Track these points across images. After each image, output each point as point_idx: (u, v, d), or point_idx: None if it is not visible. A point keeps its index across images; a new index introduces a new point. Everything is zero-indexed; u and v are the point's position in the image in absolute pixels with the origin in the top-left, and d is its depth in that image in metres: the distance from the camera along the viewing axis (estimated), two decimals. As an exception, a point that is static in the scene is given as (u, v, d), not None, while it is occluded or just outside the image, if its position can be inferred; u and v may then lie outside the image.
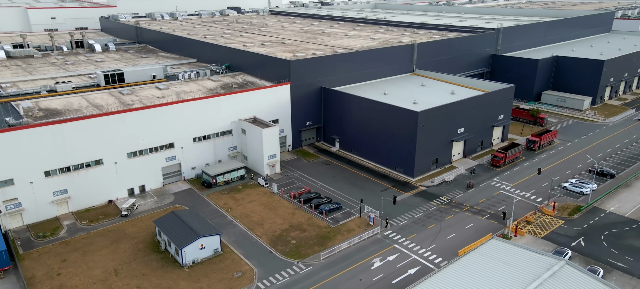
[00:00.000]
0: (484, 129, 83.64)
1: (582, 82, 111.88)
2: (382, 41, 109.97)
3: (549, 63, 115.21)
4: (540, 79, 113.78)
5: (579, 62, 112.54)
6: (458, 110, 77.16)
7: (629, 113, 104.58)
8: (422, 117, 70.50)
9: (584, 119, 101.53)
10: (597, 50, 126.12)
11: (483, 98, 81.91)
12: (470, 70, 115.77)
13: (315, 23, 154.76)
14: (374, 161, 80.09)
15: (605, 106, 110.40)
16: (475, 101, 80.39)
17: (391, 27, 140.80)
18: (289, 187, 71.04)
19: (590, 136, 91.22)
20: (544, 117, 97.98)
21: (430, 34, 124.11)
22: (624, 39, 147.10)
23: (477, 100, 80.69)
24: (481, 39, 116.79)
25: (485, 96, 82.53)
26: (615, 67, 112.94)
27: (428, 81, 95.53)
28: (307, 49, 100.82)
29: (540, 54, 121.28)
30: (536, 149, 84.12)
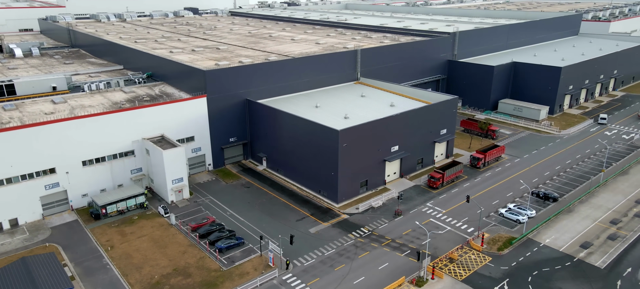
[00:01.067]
0: (425, 145, 75.89)
1: (541, 90, 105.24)
2: (326, 46, 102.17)
3: (507, 69, 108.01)
4: (498, 87, 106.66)
5: (536, 68, 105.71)
6: (392, 125, 69.29)
7: (587, 123, 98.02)
8: (345, 136, 62.36)
9: (539, 130, 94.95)
10: (559, 55, 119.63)
11: (422, 111, 74.25)
12: (425, 77, 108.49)
13: (268, 25, 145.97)
14: (299, 183, 71.87)
15: (564, 116, 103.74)
16: (413, 115, 72.65)
17: (347, 31, 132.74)
18: (192, 218, 62.23)
19: (542, 150, 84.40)
20: (496, 129, 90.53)
21: (384, 37, 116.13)
22: (591, 43, 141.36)
23: (415, 114, 72.93)
24: (436, 43, 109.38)
25: (425, 109, 74.88)
26: (574, 74, 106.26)
27: (370, 90, 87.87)
28: (240, 55, 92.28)
29: (500, 59, 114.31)
30: (480, 167, 76.73)
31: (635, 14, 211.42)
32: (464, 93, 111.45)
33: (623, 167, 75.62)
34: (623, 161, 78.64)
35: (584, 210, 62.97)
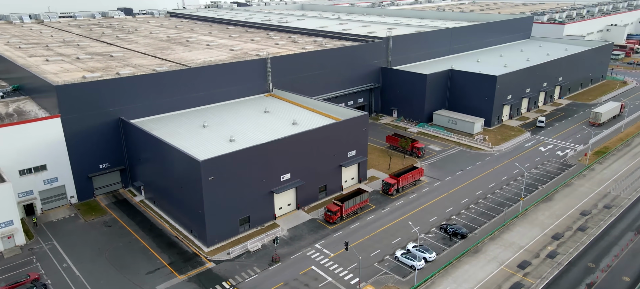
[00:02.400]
0: (329, 171, 65.67)
1: (478, 101, 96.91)
2: (240, 53, 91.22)
3: (443, 78, 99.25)
4: (433, 97, 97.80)
5: (472, 77, 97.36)
6: (282, 149, 58.86)
7: (524, 137, 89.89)
8: (211, 167, 51.52)
9: (471, 146, 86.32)
10: (504, 61, 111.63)
11: (324, 131, 63.73)
12: (355, 86, 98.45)
13: (196, 28, 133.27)
14: (173, 219, 60.79)
15: (502, 128, 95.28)
16: (312, 136, 62.13)
17: (281, 35, 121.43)
18: (12, 275, 49.84)
19: (467, 171, 75.47)
20: (421, 146, 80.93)
21: (313, 42, 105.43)
22: (540, 47, 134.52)
23: (314, 134, 62.42)
24: (367, 49, 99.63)
25: (328, 129, 64.34)
26: (513, 82, 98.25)
27: (279, 105, 77.30)
28: (131, 64, 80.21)
29: (439, 66, 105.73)
30: (393, 194, 67.14)
31: (592, 16, 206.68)
32: (398, 103, 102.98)
33: (548, 192, 67.12)
34: (549, 184, 69.99)
35: (493, 250, 54.06)
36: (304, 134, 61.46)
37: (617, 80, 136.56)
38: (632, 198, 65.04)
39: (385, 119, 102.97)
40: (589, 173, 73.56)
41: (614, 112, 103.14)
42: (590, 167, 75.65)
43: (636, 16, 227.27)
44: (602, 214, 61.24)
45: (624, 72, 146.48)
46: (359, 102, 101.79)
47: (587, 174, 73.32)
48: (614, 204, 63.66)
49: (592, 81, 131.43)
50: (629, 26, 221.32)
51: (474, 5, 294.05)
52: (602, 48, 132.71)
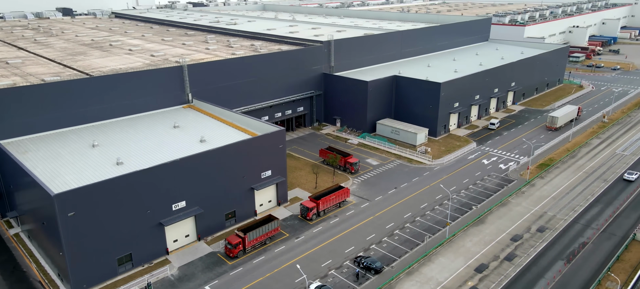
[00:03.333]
0: (238, 195, 58.10)
1: (423, 109, 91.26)
2: (159, 60, 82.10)
3: (387, 84, 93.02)
4: (377, 105, 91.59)
5: (417, 83, 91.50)
6: (175, 174, 50.78)
7: (469, 148, 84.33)
8: (68, 201, 43.32)
9: (411, 159, 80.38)
10: (456, 66, 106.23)
11: (231, 151, 55.89)
12: (295, 94, 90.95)
13: (130, 31, 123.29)
14: (45, 259, 51.72)
15: (449, 139, 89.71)
16: (215, 157, 54.20)
17: (220, 37, 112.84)
18: None
19: (402, 188, 68.96)
20: (355, 161, 73.89)
21: (251, 46, 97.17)
22: (497, 50, 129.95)
23: (218, 155, 54.48)
24: (307, 54, 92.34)
25: (236, 148, 56.43)
26: (459, 89, 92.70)
27: (193, 119, 68.93)
28: (22, 73, 69.98)
29: (383, 72, 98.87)
30: (312, 219, 60.11)
31: (555, 17, 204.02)
32: (341, 112, 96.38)
33: (480, 214, 61.21)
34: (485, 203, 64.13)
35: (407, 287, 47.88)
36: (206, 155, 53.60)
37: (574, 84, 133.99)
38: (568, 219, 59.95)
39: (328, 128, 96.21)
40: (529, 190, 68.35)
41: (571, 116, 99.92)
42: (531, 182, 70.47)
43: (600, 17, 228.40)
44: (534, 239, 55.72)
45: (581, 76, 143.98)
46: (298, 111, 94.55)
47: (527, 190, 68.13)
48: (549, 227, 58.40)
49: (548, 85, 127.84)
50: (592, 28, 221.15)
51: (443, 5, 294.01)
52: (558, 51, 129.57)
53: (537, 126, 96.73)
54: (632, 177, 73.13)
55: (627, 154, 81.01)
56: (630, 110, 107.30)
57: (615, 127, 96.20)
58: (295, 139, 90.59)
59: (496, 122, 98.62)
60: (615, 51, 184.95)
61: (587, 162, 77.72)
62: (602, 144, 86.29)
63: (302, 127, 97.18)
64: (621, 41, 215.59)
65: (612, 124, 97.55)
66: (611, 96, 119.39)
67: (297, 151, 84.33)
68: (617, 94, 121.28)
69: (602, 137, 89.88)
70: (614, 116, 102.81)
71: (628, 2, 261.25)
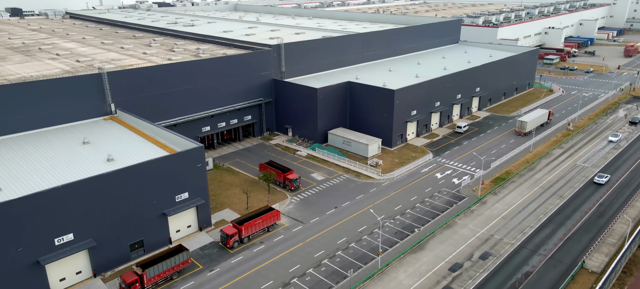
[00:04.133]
0: (147, 221, 51.25)
1: (378, 117, 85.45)
2: (82, 66, 74.48)
3: (341, 91, 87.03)
4: (328, 113, 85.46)
5: (371, 90, 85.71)
6: (61, 202, 43.99)
7: (425, 159, 78.60)
8: None
9: (359, 173, 74.36)
10: (418, 71, 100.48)
11: (136, 173, 48.81)
12: (240, 102, 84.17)
13: (73, 33, 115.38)
14: None
15: (405, 149, 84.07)
16: (117, 180, 47.35)
17: (170, 40, 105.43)
18: None
19: (343, 208, 62.85)
20: (295, 178, 67.56)
21: (197, 50, 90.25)
22: (466, 53, 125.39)
23: (120, 177, 47.59)
24: (254, 59, 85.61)
25: (143, 169, 49.36)
26: (418, 95, 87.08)
27: (110, 133, 61.89)
28: None
29: (337, 77, 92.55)
30: (233, 247, 53.87)
31: (531, 18, 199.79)
32: (293, 121, 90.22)
33: (421, 238, 55.36)
34: (429, 225, 58.29)
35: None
36: (103, 178, 46.46)
37: (545, 88, 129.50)
38: (516, 243, 54.53)
39: (279, 138, 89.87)
40: (479, 208, 62.92)
41: (541, 120, 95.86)
42: (483, 200, 65.06)
43: (577, 18, 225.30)
44: (474, 269, 50.02)
45: (553, 79, 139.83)
46: (246, 120, 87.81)
47: (476, 209, 62.70)
48: (493, 253, 52.88)
49: (518, 89, 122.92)
50: (569, 29, 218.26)
51: (423, 5, 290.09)
52: (528, 53, 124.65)
53: (500, 134, 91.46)
54: (602, 181, 69.97)
55: (587, 166, 76.26)
56: (598, 116, 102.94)
57: (580, 135, 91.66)
58: (239, 151, 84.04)
59: (464, 125, 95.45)
60: (591, 53, 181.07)
61: (545, 176, 72.73)
62: (564, 155, 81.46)
63: (250, 137, 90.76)
64: (598, 42, 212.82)
65: (577, 131, 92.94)
66: (580, 100, 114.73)
67: (238, 165, 77.83)
68: (586, 99, 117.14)
69: (565, 147, 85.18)
70: (580, 123, 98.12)
71: (606, 3, 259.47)
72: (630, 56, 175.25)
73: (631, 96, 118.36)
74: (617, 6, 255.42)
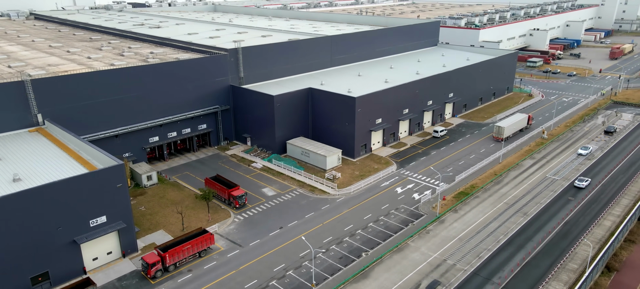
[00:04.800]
0: (54, 250, 45.63)
1: (341, 126, 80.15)
2: (11, 73, 68.42)
3: (301, 98, 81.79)
4: (288, 122, 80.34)
5: (332, 98, 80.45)
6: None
7: (387, 171, 73.22)
8: None
9: (314, 188, 68.73)
10: (388, 76, 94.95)
11: (35, 197, 43.22)
12: (193, 110, 78.51)
13: (24, 36, 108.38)
14: None
15: (368, 160, 78.78)
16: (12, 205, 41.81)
17: (126, 43, 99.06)
18: None
19: (289, 228, 57.47)
20: (240, 194, 61.93)
21: (150, 54, 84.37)
22: (443, 56, 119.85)
23: (16, 201, 42.01)
24: (209, 64, 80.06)
25: (48, 191, 43.91)
26: (383, 102, 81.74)
27: (29, 148, 56.16)
28: None
29: (299, 83, 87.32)
30: (156, 277, 47.91)
31: (515, 19, 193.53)
32: (251, 130, 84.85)
33: (366, 265, 49.97)
34: (380, 247, 53.11)
35: None
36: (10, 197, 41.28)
37: (524, 92, 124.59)
38: (469, 269, 49.39)
39: (237, 148, 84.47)
40: (436, 228, 57.92)
41: (519, 125, 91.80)
42: (441, 218, 60.16)
43: (564, 19, 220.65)
44: (419, 302, 46.34)
45: (535, 83, 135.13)
46: (200, 129, 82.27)
47: (433, 229, 57.73)
48: (443, 281, 47.63)
49: (495, 94, 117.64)
50: (555, 30, 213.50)
51: (411, 6, 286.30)
52: (507, 57, 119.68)
53: (472, 143, 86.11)
54: (582, 185, 66.98)
55: (557, 179, 71.38)
56: (575, 123, 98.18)
57: (555, 144, 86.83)
58: (191, 163, 78.44)
59: (441, 130, 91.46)
60: (576, 55, 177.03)
61: (512, 190, 67.71)
62: (534, 166, 76.52)
63: (207, 147, 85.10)
64: (585, 44, 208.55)
65: (551, 140, 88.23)
66: (559, 106, 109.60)
67: (187, 178, 72.12)
68: (566, 104, 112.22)
69: (537, 157, 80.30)
70: (556, 131, 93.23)
71: (595, 3, 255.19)
72: (615, 58, 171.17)
73: (612, 101, 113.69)
74: (606, 7, 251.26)
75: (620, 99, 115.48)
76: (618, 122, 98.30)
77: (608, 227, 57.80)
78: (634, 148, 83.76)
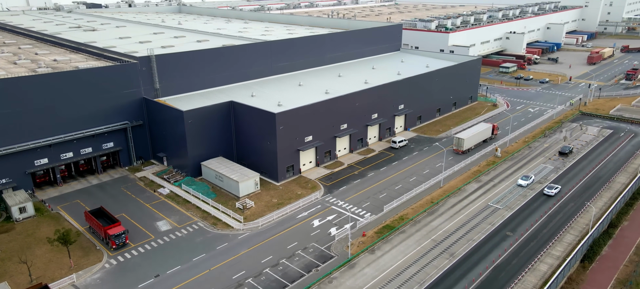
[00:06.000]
0: None
1: (263, 145, 70.29)
2: None
3: (221, 113, 72.08)
4: (204, 140, 70.50)
5: (253, 113, 70.84)
6: None
7: (312, 197, 63.67)
8: None
9: (217, 220, 58.85)
10: (331, 86, 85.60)
11: None
12: (96, 127, 68.72)
13: None
14: None
15: (294, 183, 68.87)
16: None
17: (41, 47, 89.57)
18: None
19: (166, 276, 48.11)
20: (118, 232, 52.49)
21: (54, 62, 75.40)
22: (402, 63, 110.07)
23: None
24: (114, 74, 70.28)
25: None
26: (313, 117, 71.69)
27: None
28: None
29: (228, 95, 77.14)
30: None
31: (491, 21, 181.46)
32: (166, 149, 75.33)
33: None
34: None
35: None
36: None
37: (490, 101, 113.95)
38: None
39: (150, 169, 74.81)
40: (342, 275, 48.20)
41: (482, 136, 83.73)
42: (352, 261, 50.43)
43: (545, 21, 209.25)
44: None
45: (504, 91, 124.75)
46: (106, 148, 72.17)
47: (339, 276, 47.98)
48: None
49: (456, 104, 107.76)
50: (535, 33, 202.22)
51: (395, 7, 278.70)
52: (470, 63, 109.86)
53: (418, 161, 76.05)
54: (551, 192, 61.38)
55: (500, 208, 61.75)
56: (536, 137, 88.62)
57: (508, 163, 77.18)
58: (89, 188, 68.44)
59: (400, 140, 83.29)
60: (554, 60, 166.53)
61: (445, 222, 58.25)
62: (478, 191, 66.78)
63: (117, 168, 74.83)
64: (566, 48, 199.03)
65: (505, 158, 78.80)
66: (522, 118, 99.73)
67: (75, 209, 62.10)
68: (530, 115, 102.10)
69: (483, 180, 70.51)
70: (512, 148, 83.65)
71: (578, 5, 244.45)
72: (593, 64, 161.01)
73: (580, 112, 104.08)
74: (590, 9, 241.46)
75: (589, 109, 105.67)
76: (582, 136, 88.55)
77: (543, 272, 48.32)
78: (586, 176, 71.68)
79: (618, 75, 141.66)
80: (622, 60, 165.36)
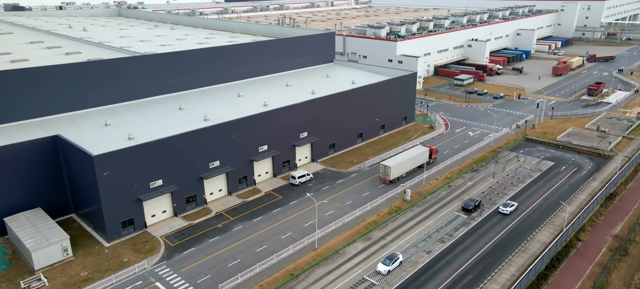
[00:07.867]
0: None
1: (89, 194, 54.21)
2: None
3: (43, 152, 56.12)
4: (15, 189, 54.28)
5: (76, 153, 54.52)
6: None
7: (138, 267, 48.15)
8: None
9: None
10: (215, 111, 69.69)
11: None
12: None
13: None
14: None
15: (128, 243, 53.33)
16: None
17: None
18: None
19: None
20: None
21: None
22: (327, 77, 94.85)
23: None
24: None
25: None
26: (155, 158, 55.88)
27: None
28: None
29: (61, 127, 61.06)
30: None
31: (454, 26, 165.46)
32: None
33: None
34: None
35: None
36: None
37: (428, 122, 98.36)
38: None
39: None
40: None
41: (417, 162, 69.81)
42: None
43: (515, 27, 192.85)
44: None
45: (451, 109, 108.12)
46: None
47: None
48: None
49: (385, 127, 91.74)
50: (502, 40, 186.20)
51: (365, 10, 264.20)
52: (402, 79, 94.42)
53: (306, 208, 60.60)
54: (506, 210, 53.26)
55: (376, 284, 45.58)
56: (462, 172, 72.74)
57: (415, 210, 61.22)
58: None
59: (300, 175, 68.50)
60: (519, 70, 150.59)
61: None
62: (361, 254, 50.99)
63: None
64: (536, 56, 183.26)
65: (415, 202, 62.79)
66: (455, 145, 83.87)
67: None
68: (468, 141, 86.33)
69: (375, 237, 54.56)
70: (428, 187, 67.37)
71: (554, 9, 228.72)
72: (559, 75, 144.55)
73: (524, 137, 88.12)
74: (566, 13, 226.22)
75: (537, 133, 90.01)
76: (518, 171, 72.58)
77: None
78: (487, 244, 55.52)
79: (580, 90, 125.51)
80: (591, 71, 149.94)
